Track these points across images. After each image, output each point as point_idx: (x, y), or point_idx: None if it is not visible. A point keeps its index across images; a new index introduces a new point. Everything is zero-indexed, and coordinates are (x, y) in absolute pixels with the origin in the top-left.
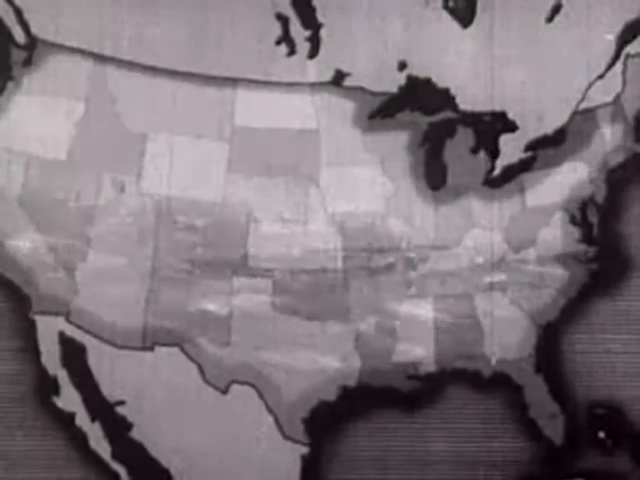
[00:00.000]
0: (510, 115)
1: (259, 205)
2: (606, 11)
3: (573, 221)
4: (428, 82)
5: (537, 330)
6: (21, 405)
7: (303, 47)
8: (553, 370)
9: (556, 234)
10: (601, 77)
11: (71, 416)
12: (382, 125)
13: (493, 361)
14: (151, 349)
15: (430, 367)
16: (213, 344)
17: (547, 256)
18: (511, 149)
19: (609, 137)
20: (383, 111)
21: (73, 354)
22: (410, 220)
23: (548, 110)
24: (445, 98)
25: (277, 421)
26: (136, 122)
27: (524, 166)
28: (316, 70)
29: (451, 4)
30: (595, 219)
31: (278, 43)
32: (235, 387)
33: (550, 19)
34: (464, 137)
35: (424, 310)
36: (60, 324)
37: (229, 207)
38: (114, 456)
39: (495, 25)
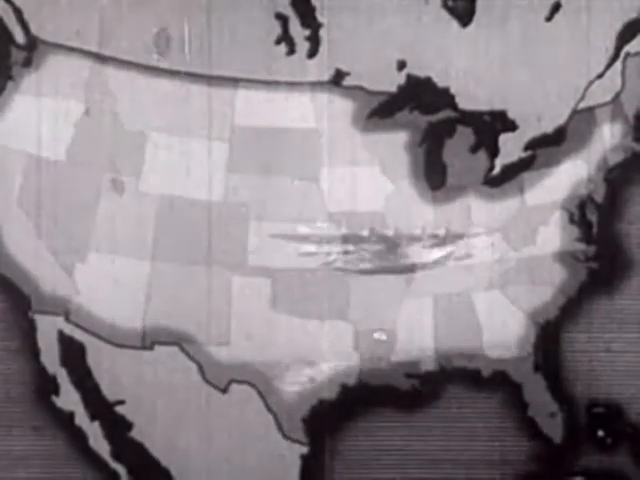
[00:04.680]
0: (510, 114)
1: (259, 205)
2: (606, 10)
3: (572, 220)
4: (428, 81)
5: (536, 329)
6: (20, 404)
7: (303, 46)
8: (552, 369)
9: (555, 233)
10: (600, 76)
11: (70, 415)
12: (382, 124)
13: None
14: (151, 348)
15: (430, 366)
16: (213, 343)
17: (546, 255)
18: (511, 148)
19: (608, 136)
20: (383, 110)
21: (72, 353)
22: (410, 219)
23: (548, 109)
24: (445, 97)
25: (277, 420)
26: (136, 122)
27: (524, 165)
28: (316, 69)
29: (450, 3)
30: (594, 218)
31: (278, 42)
32: (235, 386)
33: (549, 18)
34: (464, 136)
35: (424, 309)
36: (59, 323)
37: (229, 207)
38: (114, 455)
39: (494, 24)
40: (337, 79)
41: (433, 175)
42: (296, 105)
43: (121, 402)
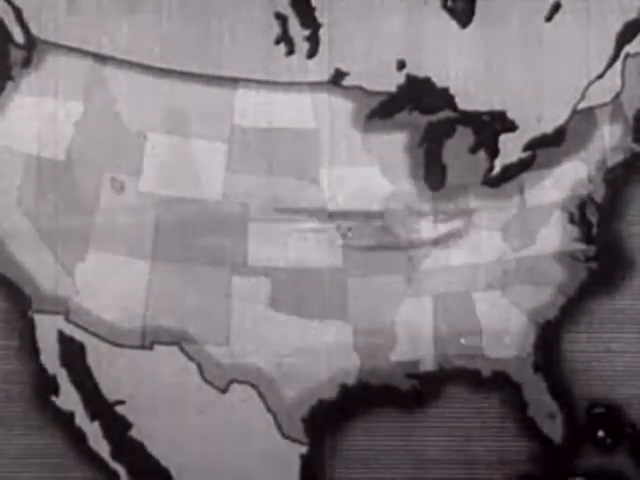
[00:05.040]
0: (509, 114)
1: (259, 205)
2: (605, 10)
3: (572, 220)
4: (427, 81)
5: (536, 329)
6: (20, 404)
7: (302, 47)
8: (552, 369)
9: (555, 233)
10: (600, 76)
11: (70, 415)
12: (381, 125)
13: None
14: (150, 348)
15: (429, 366)
16: (212, 343)
17: (546, 255)
18: (510, 148)
19: (608, 136)
20: (382, 111)
21: (72, 353)
22: (409, 220)
23: (547, 109)
24: (444, 97)
25: (276, 420)
26: (136, 122)
27: (523, 165)
28: (315, 70)
29: (450, 4)
30: (594, 218)
31: (277, 42)
32: (235, 386)
33: (549, 18)
34: (463, 137)
35: (424, 309)
36: (59, 323)
37: (229, 207)
38: (113, 455)
39: (494, 24)
40: (337, 79)
41: (433, 175)
42: (296, 105)
43: (121, 402)
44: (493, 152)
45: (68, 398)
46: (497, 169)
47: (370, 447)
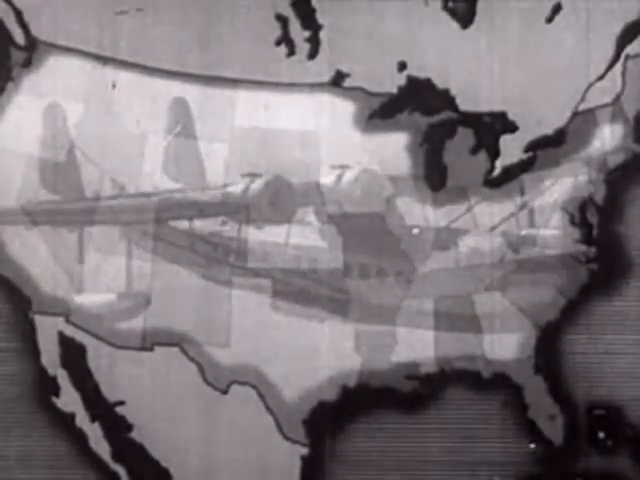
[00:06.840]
0: (510, 116)
1: (259, 205)
2: (606, 12)
3: (573, 221)
4: (428, 83)
5: (537, 330)
6: (21, 405)
7: (303, 48)
8: (553, 370)
9: (556, 234)
10: (601, 78)
11: (71, 416)
12: (382, 125)
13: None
14: (151, 349)
15: (430, 367)
16: (213, 344)
17: (547, 256)
18: (511, 149)
19: (609, 137)
20: (383, 112)
21: (73, 354)
22: (410, 220)
23: (548, 111)
24: (445, 99)
25: (277, 421)
26: (135, 122)
27: (524, 166)
28: (316, 71)
29: (451, 5)
30: (595, 219)
31: (278, 44)
32: (235, 387)
33: (550, 20)
34: (464, 138)
35: (424, 310)
36: (60, 324)
37: (228, 207)
38: (114, 456)
39: (495, 25)
40: (337, 80)
41: (433, 176)
42: (296, 106)
43: (121, 403)
44: (494, 153)
45: (69, 399)
46: (497, 170)
47: (370, 449)
